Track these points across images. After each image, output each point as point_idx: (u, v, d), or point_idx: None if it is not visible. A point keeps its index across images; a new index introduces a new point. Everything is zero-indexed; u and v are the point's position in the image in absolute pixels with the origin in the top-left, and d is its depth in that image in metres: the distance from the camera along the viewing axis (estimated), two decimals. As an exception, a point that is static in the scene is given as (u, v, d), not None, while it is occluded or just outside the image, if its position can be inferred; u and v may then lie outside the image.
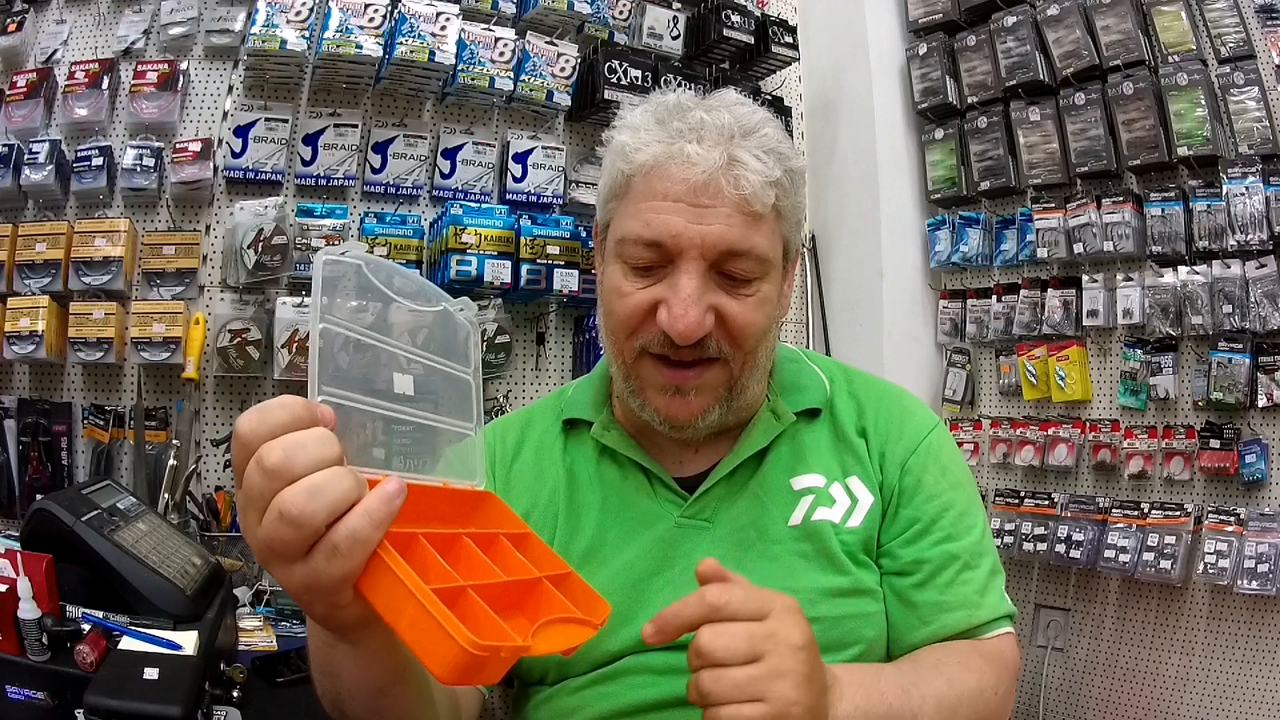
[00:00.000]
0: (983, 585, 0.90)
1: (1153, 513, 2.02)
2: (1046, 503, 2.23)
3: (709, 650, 0.65)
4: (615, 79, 2.21)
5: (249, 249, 1.88)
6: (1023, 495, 2.29)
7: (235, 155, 1.95)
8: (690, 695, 0.66)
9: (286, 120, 1.98)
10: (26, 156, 1.80)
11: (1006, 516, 2.29)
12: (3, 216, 1.83)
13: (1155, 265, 2.06)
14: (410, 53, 1.97)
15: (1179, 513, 1.98)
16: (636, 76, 2.23)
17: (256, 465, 0.53)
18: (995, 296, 2.40)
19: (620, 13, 2.30)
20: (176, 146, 1.90)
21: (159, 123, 1.90)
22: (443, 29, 2.01)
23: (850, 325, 2.61)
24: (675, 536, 0.90)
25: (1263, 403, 1.89)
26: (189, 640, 1.03)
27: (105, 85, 1.87)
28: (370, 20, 1.94)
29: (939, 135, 2.53)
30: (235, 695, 1.15)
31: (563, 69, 2.19)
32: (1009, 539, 2.26)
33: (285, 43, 1.88)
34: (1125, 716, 2.10)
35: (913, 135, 2.61)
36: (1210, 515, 1.93)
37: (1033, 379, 2.31)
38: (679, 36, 2.40)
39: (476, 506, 0.72)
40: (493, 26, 2.11)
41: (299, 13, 1.90)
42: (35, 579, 1.00)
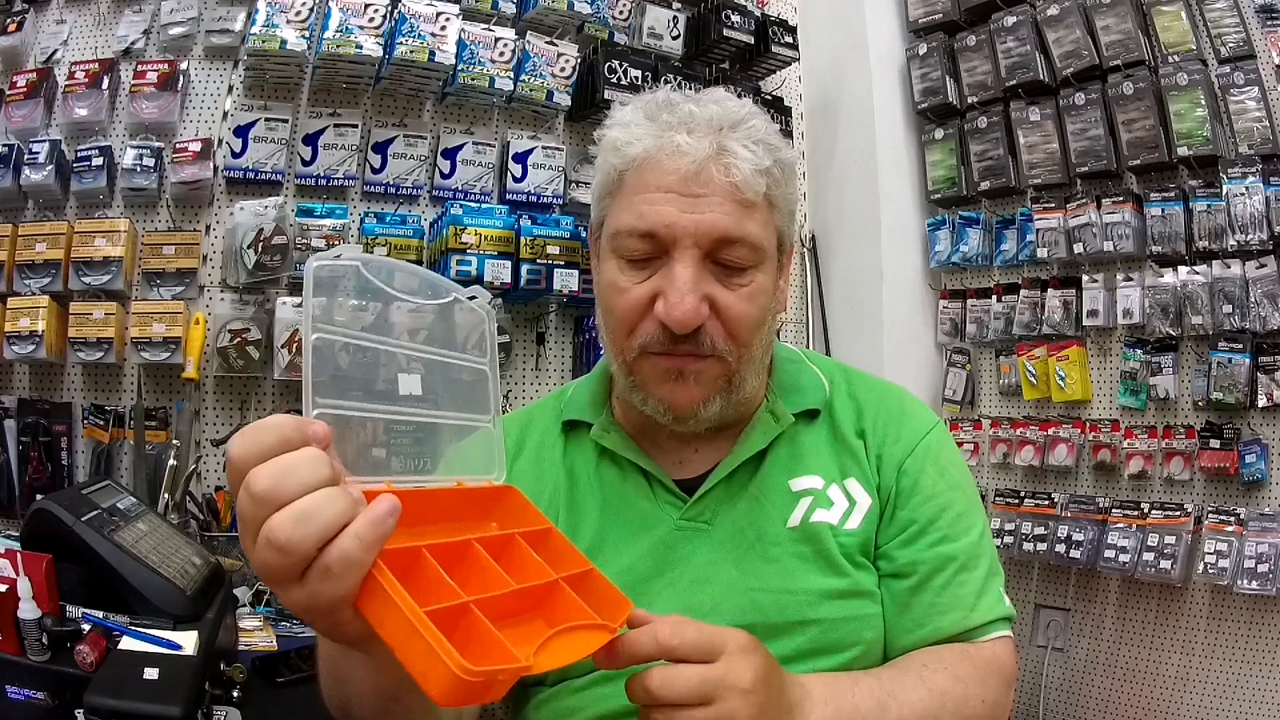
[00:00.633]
0: (979, 587, 0.89)
1: (1153, 513, 2.02)
2: (1046, 503, 2.23)
3: (659, 694, 0.65)
4: (615, 79, 2.21)
5: (249, 249, 1.88)
6: (1023, 495, 2.29)
7: (235, 155, 1.96)
8: None
9: (286, 120, 1.98)
10: (26, 156, 1.80)
11: (1006, 516, 2.29)
12: (3, 216, 1.83)
13: (1155, 265, 2.06)
14: (410, 53, 1.97)
15: (1179, 513, 1.98)
16: (636, 76, 2.23)
17: (245, 491, 0.53)
18: (995, 296, 2.40)
19: (620, 13, 2.30)
20: (176, 146, 1.90)
21: (159, 123, 1.90)
22: (443, 29, 2.01)
23: (850, 325, 2.61)
24: (675, 538, 0.90)
25: (1263, 403, 1.89)
26: (189, 640, 1.03)
27: (105, 85, 1.87)
28: (370, 20, 1.94)
29: (939, 135, 2.53)
30: (235, 695, 1.15)
31: (563, 69, 2.19)
32: (1009, 539, 2.26)
33: (285, 43, 1.88)
34: (1125, 716, 2.10)
35: (913, 135, 2.61)
36: (1210, 515, 1.93)
37: (1033, 379, 2.31)
38: (679, 36, 2.40)
39: (495, 503, 0.71)
40: (493, 26, 2.11)
41: (299, 13, 1.90)
42: (35, 579, 1.00)
